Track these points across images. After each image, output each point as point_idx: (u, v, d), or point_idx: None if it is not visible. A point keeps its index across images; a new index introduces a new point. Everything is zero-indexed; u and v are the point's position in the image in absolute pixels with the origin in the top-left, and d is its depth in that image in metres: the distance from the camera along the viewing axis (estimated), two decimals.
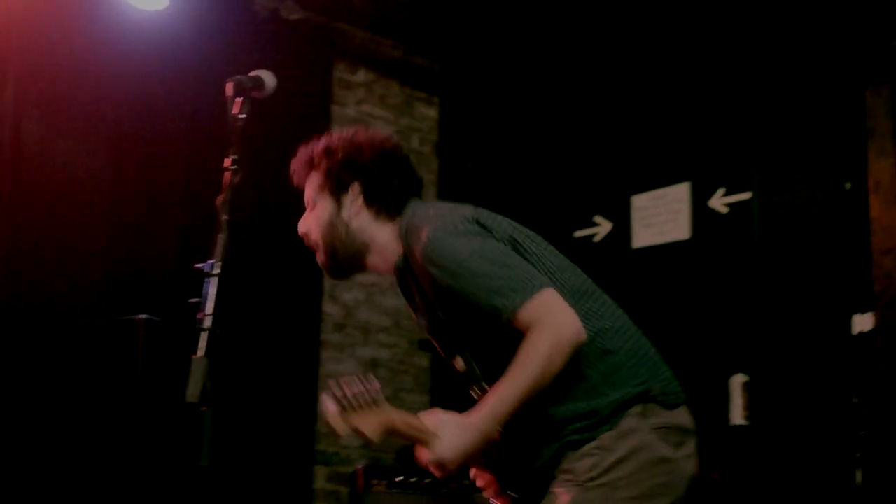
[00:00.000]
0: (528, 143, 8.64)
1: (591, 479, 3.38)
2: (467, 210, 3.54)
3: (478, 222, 3.48)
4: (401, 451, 8.47)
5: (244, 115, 3.48)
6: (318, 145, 3.78)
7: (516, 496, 3.67)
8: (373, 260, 3.74)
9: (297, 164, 3.84)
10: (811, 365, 6.68)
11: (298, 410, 8.25)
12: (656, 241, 7.55)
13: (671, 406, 3.51)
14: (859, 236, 6.62)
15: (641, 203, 7.68)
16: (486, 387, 3.52)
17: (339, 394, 3.14)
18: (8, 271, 6.88)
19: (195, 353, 3.10)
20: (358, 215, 3.71)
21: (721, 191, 7.27)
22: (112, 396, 6.15)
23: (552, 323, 3.28)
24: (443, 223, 3.46)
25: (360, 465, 6.87)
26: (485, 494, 3.78)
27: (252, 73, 3.55)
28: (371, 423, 3.19)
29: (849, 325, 6.57)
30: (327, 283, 8.61)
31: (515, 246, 3.48)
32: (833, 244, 6.77)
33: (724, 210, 7.25)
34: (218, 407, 3.08)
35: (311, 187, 3.78)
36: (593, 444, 3.39)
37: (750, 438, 6.71)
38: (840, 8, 6.84)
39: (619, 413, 3.41)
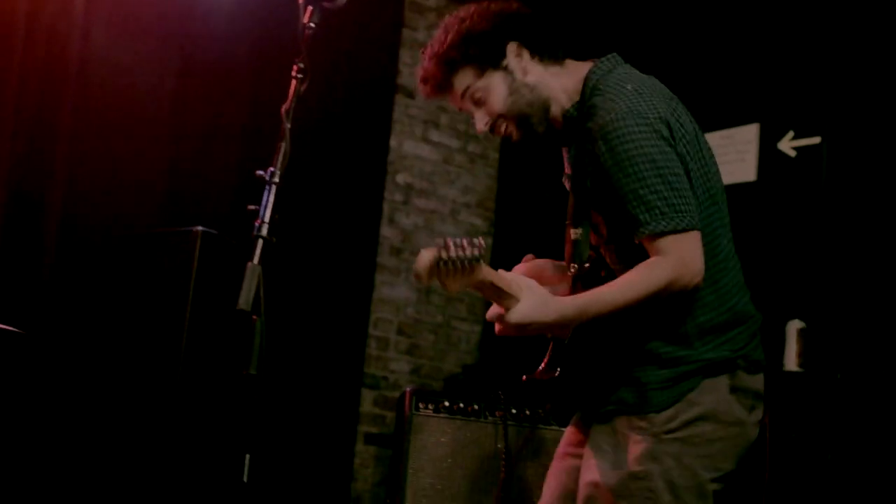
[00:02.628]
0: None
1: (668, 432, 3.38)
2: (664, 105, 3.43)
3: (668, 126, 3.38)
4: (449, 378, 8.47)
5: (314, 24, 3.44)
6: (443, 47, 3.63)
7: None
8: (553, 111, 3.63)
9: (430, 81, 3.69)
10: (870, 315, 6.61)
11: (349, 331, 8.26)
12: (723, 181, 7.48)
13: (754, 372, 3.50)
14: None
15: (709, 142, 7.59)
16: (587, 266, 3.51)
17: (443, 254, 3.06)
18: (71, 177, 6.89)
19: (250, 259, 3.07)
20: (532, 69, 3.62)
21: (790, 134, 7.19)
22: (167, 306, 6.17)
23: (682, 264, 3.25)
24: (636, 108, 3.36)
25: (408, 388, 6.86)
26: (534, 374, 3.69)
27: None
28: (455, 283, 3.13)
29: None
30: (386, 206, 8.60)
31: (685, 162, 3.39)
32: None
33: (792, 153, 7.16)
34: (269, 317, 3.07)
35: (469, 81, 3.63)
36: (677, 402, 3.39)
37: (803, 385, 6.66)
38: None
39: (705, 374, 3.39)
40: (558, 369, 3.52)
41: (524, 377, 3.66)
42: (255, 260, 3.06)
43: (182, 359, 6.03)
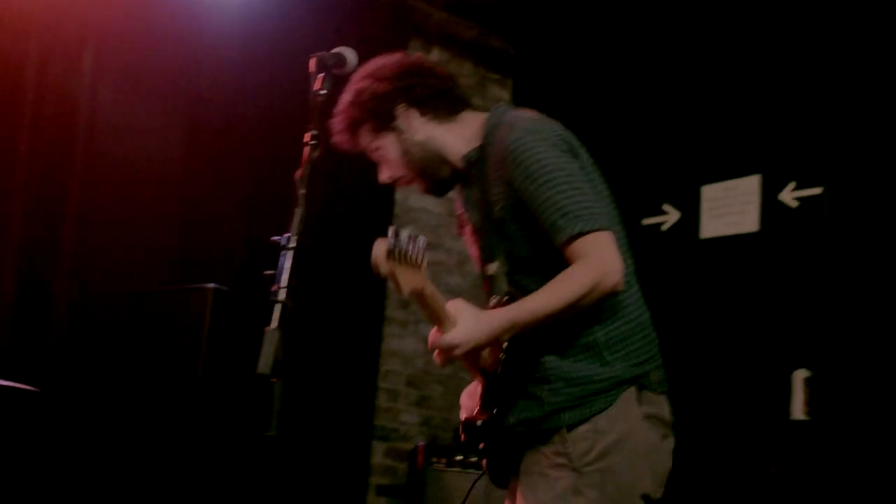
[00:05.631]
0: (599, 128, 8.62)
1: (587, 464, 3.38)
2: (559, 127, 3.55)
3: (568, 143, 3.50)
4: (458, 429, 8.51)
5: (325, 91, 3.51)
6: (343, 107, 3.77)
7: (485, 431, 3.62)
8: (452, 159, 3.74)
9: (338, 136, 3.83)
10: (874, 362, 6.65)
11: (359, 385, 8.29)
12: (725, 232, 7.54)
13: (660, 394, 3.53)
14: None
15: (711, 193, 7.66)
16: (506, 300, 3.52)
17: (393, 241, 3.16)
18: (80, 237, 6.95)
19: (268, 324, 3.12)
20: (420, 128, 3.73)
21: (792, 184, 7.25)
22: (180, 363, 6.22)
23: (603, 263, 3.30)
24: (539, 128, 3.49)
25: (420, 443, 6.90)
26: (462, 414, 3.78)
27: (335, 50, 3.58)
28: (406, 278, 3.21)
29: None
30: None
31: (587, 175, 3.49)
32: None
33: (795, 204, 7.22)
34: (286, 379, 3.12)
35: (367, 140, 3.78)
36: (587, 426, 3.40)
37: (810, 434, 6.69)
38: None
39: (615, 390, 3.42)
40: (494, 409, 3.57)
41: (461, 420, 3.73)
42: (274, 324, 3.11)
43: (196, 412, 6.08)
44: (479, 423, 3.60)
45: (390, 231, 3.18)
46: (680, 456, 3.55)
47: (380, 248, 3.22)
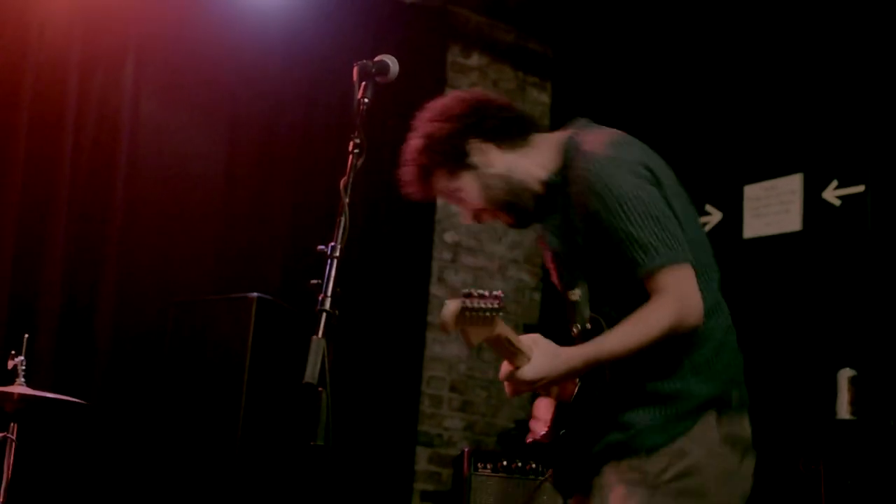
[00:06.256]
0: (640, 130, 8.59)
1: (663, 483, 3.39)
2: (639, 151, 3.53)
3: (649, 170, 3.46)
4: (502, 433, 8.50)
5: (367, 100, 3.50)
6: (412, 155, 3.74)
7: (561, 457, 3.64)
8: (534, 186, 3.68)
9: (411, 186, 3.79)
10: None
11: (403, 391, 8.31)
12: (767, 231, 7.50)
13: (742, 413, 3.52)
14: None
15: (753, 193, 7.63)
16: (589, 327, 3.52)
17: (466, 301, 3.14)
18: (124, 247, 6.99)
19: (313, 333, 3.12)
20: (496, 161, 3.67)
21: (834, 183, 7.21)
22: (225, 372, 6.25)
23: (682, 301, 3.31)
24: (617, 155, 3.45)
25: (466, 448, 6.90)
26: (531, 435, 3.75)
27: (377, 58, 3.56)
28: (478, 334, 3.18)
29: None
30: (435, 264, 8.66)
31: (669, 202, 3.45)
32: None
33: (837, 202, 7.18)
34: (332, 387, 3.12)
35: (444, 184, 3.72)
36: (666, 447, 3.40)
37: (855, 433, 6.65)
38: None
39: (698, 413, 3.42)
40: (562, 431, 3.58)
41: (528, 439, 3.72)
42: (320, 333, 3.11)
43: (241, 422, 6.10)
44: (547, 442, 3.64)
45: (463, 292, 3.14)
46: None
47: (448, 310, 3.17)
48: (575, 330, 3.61)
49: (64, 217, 6.71)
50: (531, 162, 3.69)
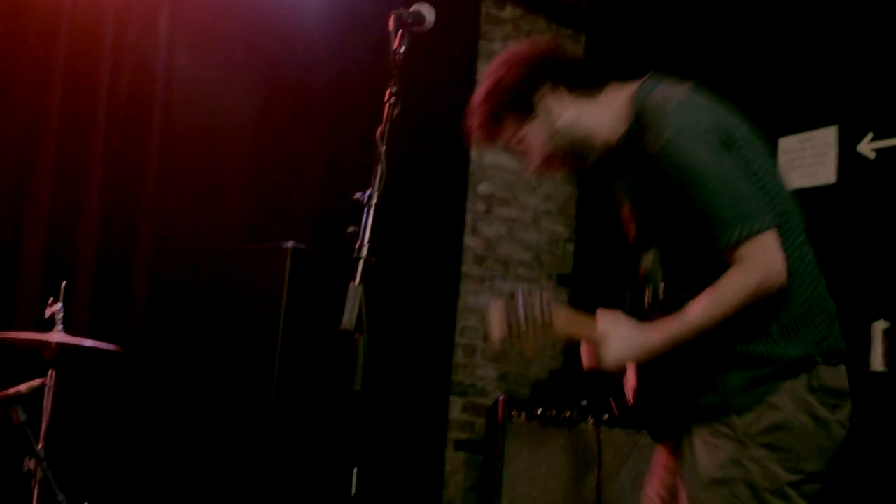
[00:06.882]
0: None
1: (751, 437, 3.40)
2: (711, 113, 3.50)
3: (723, 130, 3.44)
4: (536, 384, 8.53)
5: (403, 49, 3.51)
6: (481, 99, 3.74)
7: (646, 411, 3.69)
8: (598, 143, 3.68)
9: (479, 130, 3.78)
10: None
11: (436, 340, 8.33)
12: (802, 184, 7.47)
13: (835, 363, 3.50)
14: None
15: (788, 145, 7.60)
16: (661, 293, 3.54)
17: (512, 318, 3.16)
18: (159, 198, 7.02)
19: (349, 280, 3.15)
20: (567, 110, 3.66)
21: (869, 136, 7.18)
22: (260, 321, 6.28)
23: (763, 267, 3.31)
24: (688, 124, 3.42)
25: (500, 396, 6.92)
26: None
27: (413, 8, 3.57)
28: (535, 343, 3.23)
29: None
30: (469, 216, 8.67)
31: (748, 162, 3.44)
32: None
33: (872, 155, 7.15)
34: (369, 334, 3.15)
35: (510, 131, 3.73)
36: (758, 404, 3.41)
37: (890, 385, 6.65)
38: None
39: (788, 374, 3.41)
40: (647, 399, 3.61)
41: (614, 410, 3.74)
42: (357, 280, 3.13)
43: (277, 369, 6.14)
44: (633, 406, 3.67)
45: (503, 308, 3.21)
46: None
47: (495, 317, 3.25)
48: (647, 296, 3.62)
49: (100, 167, 6.73)
50: (600, 117, 3.67)
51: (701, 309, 3.34)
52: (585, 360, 3.54)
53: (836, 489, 3.63)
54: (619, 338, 3.38)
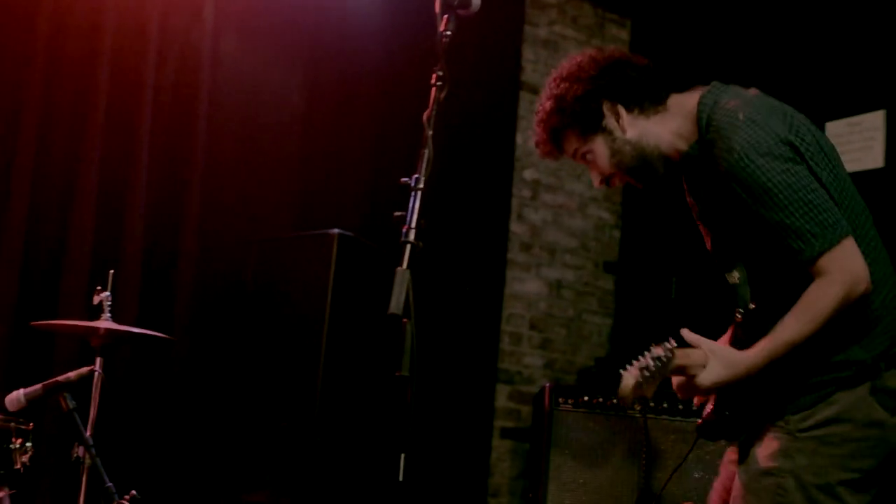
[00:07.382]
0: (719, 68, 8.52)
1: (803, 430, 3.40)
2: (779, 125, 3.44)
3: (790, 145, 3.39)
4: (582, 371, 8.51)
5: (450, 32, 3.50)
6: (544, 115, 3.74)
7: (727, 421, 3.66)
8: (667, 153, 3.68)
9: (542, 146, 3.80)
10: None
11: (483, 328, 8.33)
12: (849, 168, 7.24)
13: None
14: None
15: (835, 130, 7.55)
16: (752, 308, 3.51)
17: (641, 370, 3.23)
18: (205, 186, 7.04)
19: (395, 265, 3.14)
20: (630, 126, 3.66)
21: None
22: (307, 308, 6.29)
23: (847, 277, 3.29)
24: (755, 139, 3.38)
25: (546, 384, 6.91)
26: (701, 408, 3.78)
27: None
28: (654, 387, 3.32)
29: None
30: (515, 202, 8.66)
31: (815, 173, 3.40)
32: None
33: None
34: (416, 319, 3.14)
35: (574, 144, 3.74)
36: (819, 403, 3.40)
37: None
38: None
39: (856, 379, 3.40)
40: (726, 412, 3.61)
41: (699, 423, 3.73)
42: (404, 265, 3.12)
43: (323, 357, 6.14)
44: (715, 420, 3.66)
45: (636, 363, 3.26)
46: None
47: (628, 383, 3.31)
48: (738, 314, 3.58)
49: (146, 154, 6.75)
50: (665, 130, 3.67)
51: (792, 326, 3.33)
52: (678, 390, 3.55)
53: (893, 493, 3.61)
54: (716, 361, 3.39)
